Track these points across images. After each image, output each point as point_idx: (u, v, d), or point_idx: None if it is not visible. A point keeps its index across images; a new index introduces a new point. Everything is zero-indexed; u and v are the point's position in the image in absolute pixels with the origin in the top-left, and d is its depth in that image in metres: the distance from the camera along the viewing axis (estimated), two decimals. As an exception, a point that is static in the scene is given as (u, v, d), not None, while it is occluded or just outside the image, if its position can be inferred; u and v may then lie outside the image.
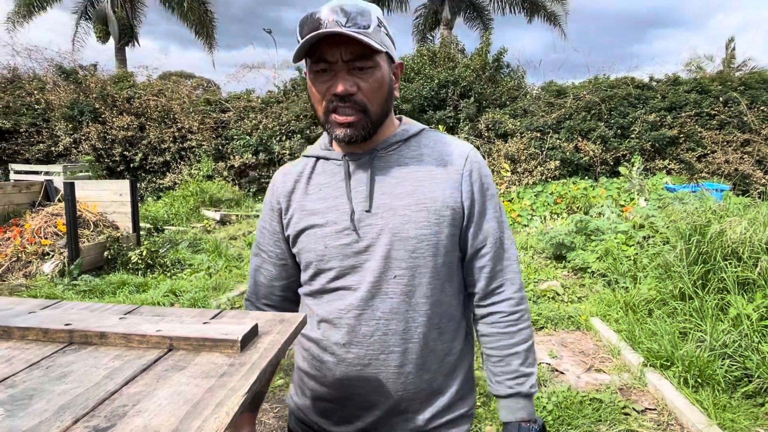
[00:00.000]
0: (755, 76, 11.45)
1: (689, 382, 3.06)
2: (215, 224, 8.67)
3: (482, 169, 1.12)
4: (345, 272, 1.07)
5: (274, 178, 1.21)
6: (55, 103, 11.72)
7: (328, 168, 1.13)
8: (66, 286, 5.13)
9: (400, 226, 1.04)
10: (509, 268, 1.13)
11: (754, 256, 3.54)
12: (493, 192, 1.13)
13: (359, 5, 0.99)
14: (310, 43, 0.97)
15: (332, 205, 1.08)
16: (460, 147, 1.13)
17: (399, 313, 1.06)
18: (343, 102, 1.01)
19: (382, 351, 1.06)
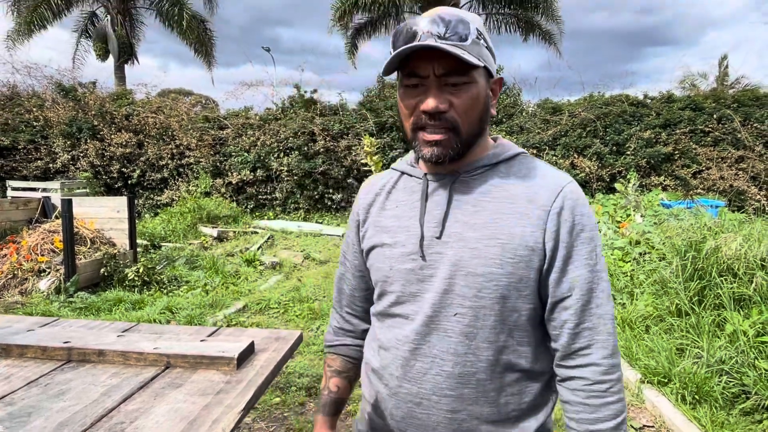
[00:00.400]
0: (748, 94, 11.58)
1: (687, 398, 3.05)
2: (212, 241, 8.66)
3: (577, 207, 0.97)
4: (405, 299, 1.01)
5: (360, 190, 1.17)
6: (53, 120, 11.77)
7: (409, 185, 1.07)
8: (62, 304, 5.11)
9: (467, 260, 0.95)
10: (600, 327, 0.96)
11: (749, 272, 3.56)
12: (589, 235, 0.97)
13: (458, 15, 0.93)
14: (401, 56, 0.91)
15: (404, 225, 1.03)
16: (555, 179, 0.99)
17: (457, 355, 0.96)
18: (432, 119, 0.94)
19: (434, 392, 0.98)
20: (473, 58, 0.90)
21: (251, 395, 0.73)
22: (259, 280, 6.38)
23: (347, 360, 1.22)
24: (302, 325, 4.62)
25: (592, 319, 0.96)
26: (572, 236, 0.95)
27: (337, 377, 1.22)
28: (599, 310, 0.96)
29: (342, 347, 1.22)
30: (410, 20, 0.94)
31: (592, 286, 0.96)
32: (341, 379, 1.22)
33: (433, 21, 0.91)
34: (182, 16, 16.45)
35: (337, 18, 15.59)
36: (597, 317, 0.96)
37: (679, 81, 17.98)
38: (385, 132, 10.93)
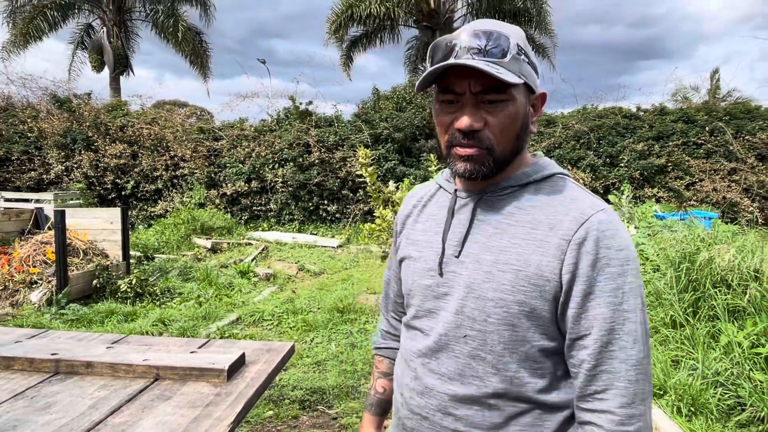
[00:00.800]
0: (739, 107, 11.70)
1: (682, 411, 3.04)
2: (206, 252, 8.62)
3: (604, 239, 0.89)
4: (422, 314, 1.02)
5: (404, 200, 1.20)
6: (47, 131, 11.74)
7: (442, 200, 1.07)
8: (53, 316, 5.06)
9: (480, 283, 0.93)
10: (620, 372, 0.87)
11: (743, 283, 3.57)
12: (616, 270, 0.88)
13: (498, 30, 0.90)
14: (435, 74, 0.90)
15: (429, 240, 1.03)
16: (583, 206, 0.92)
17: (463, 376, 0.95)
18: (466, 138, 0.91)
19: (439, 410, 0.97)
20: (511, 76, 0.87)
21: (241, 407, 0.72)
22: (253, 292, 6.34)
23: (393, 363, 1.25)
24: (296, 337, 4.59)
25: (613, 363, 0.88)
26: (594, 270, 0.88)
27: (384, 379, 1.25)
28: (622, 353, 0.88)
29: (388, 350, 1.26)
30: (450, 35, 0.92)
31: (614, 326, 0.88)
32: (387, 381, 1.25)
33: (473, 35, 0.88)
34: (177, 28, 16.52)
35: (333, 31, 15.70)
36: (619, 361, 0.88)
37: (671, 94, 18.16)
38: (380, 143, 10.96)
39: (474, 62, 0.85)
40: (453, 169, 0.96)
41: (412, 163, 10.94)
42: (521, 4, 15.33)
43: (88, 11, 17.80)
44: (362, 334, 4.63)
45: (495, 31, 0.89)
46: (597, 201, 0.95)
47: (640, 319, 0.89)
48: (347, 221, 10.82)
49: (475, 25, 0.91)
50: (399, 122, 11.00)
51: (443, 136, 0.96)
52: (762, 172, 10.43)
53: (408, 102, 11.66)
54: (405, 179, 5.19)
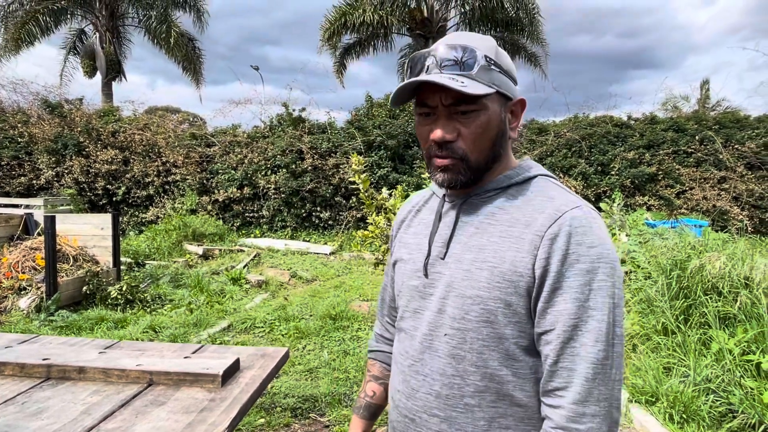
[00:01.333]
0: (729, 116, 11.84)
1: (674, 418, 3.04)
2: (198, 259, 8.57)
3: (576, 235, 0.89)
4: (409, 314, 1.06)
5: (401, 206, 1.24)
6: (38, 137, 11.66)
7: (434, 204, 1.12)
8: (42, 322, 5.00)
9: (459, 282, 0.95)
10: (578, 369, 0.87)
11: (733, 290, 3.60)
12: (585, 267, 0.88)
13: (466, 43, 0.94)
14: (407, 90, 0.94)
15: (418, 243, 1.07)
16: (559, 204, 0.94)
17: (445, 376, 0.96)
18: (440, 149, 0.95)
19: (425, 410, 0.99)
20: (479, 87, 0.90)
21: (236, 413, 0.71)
22: (245, 299, 6.31)
23: (385, 367, 1.27)
24: (288, 345, 4.56)
25: (573, 359, 0.87)
26: (564, 266, 0.89)
27: (375, 382, 1.26)
28: (582, 350, 0.87)
29: (380, 353, 1.28)
30: (426, 50, 0.96)
31: (577, 323, 0.88)
32: (378, 384, 1.26)
33: (445, 48, 0.93)
34: (170, 34, 16.48)
35: (326, 38, 15.74)
36: (579, 358, 0.87)
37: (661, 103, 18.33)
38: (373, 150, 10.97)
39: (438, 78, 0.89)
40: (433, 178, 1.00)
41: (405, 170, 10.96)
42: (513, 14, 15.45)
43: (81, 17, 17.74)
44: (355, 341, 4.61)
45: (463, 45, 0.93)
46: (573, 198, 0.96)
47: (608, 319, 0.88)
48: (340, 228, 10.80)
49: (446, 40, 0.96)
50: (392, 129, 11.03)
51: (424, 148, 1.01)
52: (751, 180, 10.54)
53: (401, 109, 11.70)
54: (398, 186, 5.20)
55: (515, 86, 1.01)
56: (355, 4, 15.17)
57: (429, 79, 0.89)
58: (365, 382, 1.27)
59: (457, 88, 0.88)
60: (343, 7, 15.32)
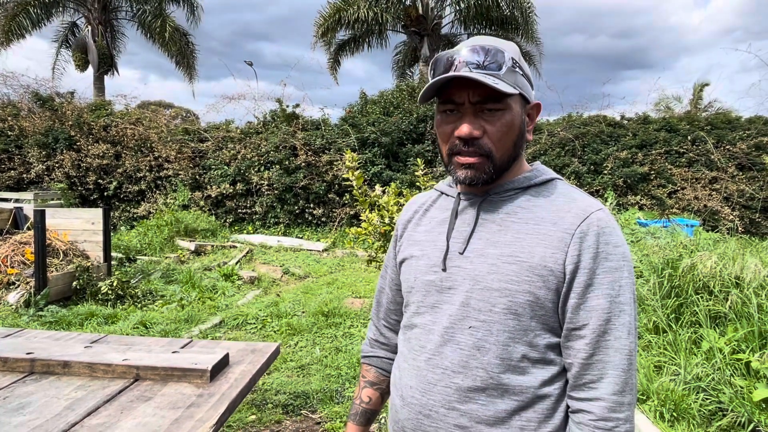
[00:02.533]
0: (720, 117, 11.91)
1: (665, 416, 3.05)
2: (190, 255, 8.52)
3: (604, 235, 0.95)
4: (424, 309, 1.04)
5: (404, 207, 1.22)
6: (29, 130, 11.54)
7: (444, 204, 1.12)
8: (31, 317, 4.95)
9: (485, 275, 0.96)
10: (613, 361, 0.92)
11: (724, 290, 3.61)
12: (614, 265, 0.94)
13: (494, 44, 0.97)
14: (436, 86, 0.96)
15: (432, 240, 1.07)
16: (584, 204, 0.99)
17: (467, 368, 0.96)
18: (466, 145, 0.97)
19: (443, 404, 0.98)
20: (507, 86, 0.93)
21: (224, 409, 0.69)
22: (237, 295, 6.28)
23: (380, 372, 1.25)
24: (280, 341, 4.54)
25: (608, 352, 0.93)
26: (595, 263, 0.93)
27: (370, 388, 1.24)
28: (616, 343, 0.92)
29: (375, 359, 1.26)
30: (450, 50, 0.98)
31: (610, 317, 0.93)
32: (373, 390, 1.24)
33: (471, 50, 0.95)
34: (165, 29, 16.37)
35: (320, 34, 15.68)
36: (613, 350, 0.92)
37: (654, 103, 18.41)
38: (367, 147, 10.95)
39: (472, 74, 0.92)
40: (455, 176, 1.01)
41: (399, 168, 10.94)
42: (508, 13, 15.46)
43: (73, 9, 17.58)
44: (347, 338, 4.60)
45: (491, 47, 0.96)
46: (594, 200, 1.01)
47: (633, 313, 0.94)
48: (333, 225, 10.77)
49: (473, 41, 0.98)
50: (386, 127, 11.01)
51: (444, 146, 1.01)
52: (742, 181, 10.61)
53: (395, 107, 11.67)
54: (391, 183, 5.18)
55: (533, 90, 1.05)
56: (349, 1, 15.12)
57: (466, 74, 0.92)
58: (360, 388, 1.26)
59: (492, 84, 0.91)
60: (338, 3, 15.27)
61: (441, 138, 1.02)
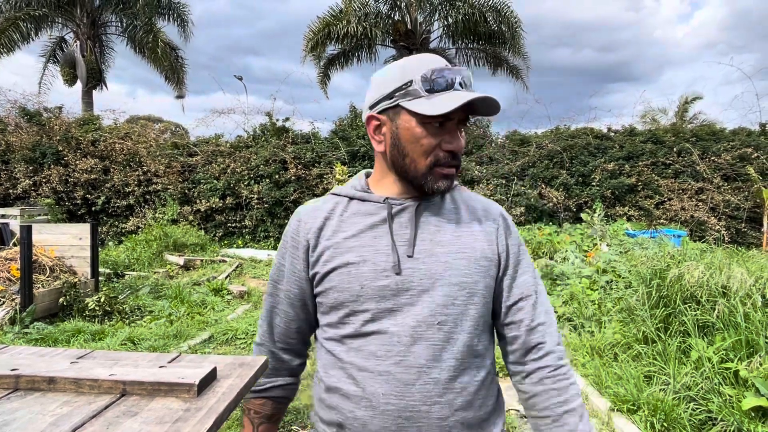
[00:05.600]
0: (705, 129, 12.11)
1: (656, 426, 3.06)
2: (179, 269, 8.46)
3: (511, 223, 1.17)
4: (381, 315, 1.03)
5: (300, 215, 1.16)
6: (15, 145, 11.46)
7: (364, 209, 1.11)
8: (16, 335, 4.88)
9: (442, 273, 1.04)
10: (548, 321, 1.11)
11: (711, 299, 3.64)
12: (524, 248, 1.16)
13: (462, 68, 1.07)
14: (464, 103, 0.99)
15: (369, 245, 1.06)
16: (490, 203, 1.19)
17: (440, 361, 1.01)
18: (453, 159, 1.05)
19: (423, 402, 1.00)
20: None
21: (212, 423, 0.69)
22: (227, 310, 6.23)
23: (279, 401, 1.20)
24: (270, 356, 4.50)
25: (542, 316, 1.10)
26: (517, 248, 1.14)
27: (267, 423, 1.19)
28: (544, 306, 1.12)
29: (274, 389, 1.19)
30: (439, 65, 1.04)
31: (537, 288, 1.12)
32: (272, 425, 1.20)
33: (460, 73, 1.04)
34: (156, 44, 16.38)
35: (310, 49, 15.77)
36: (545, 312, 1.11)
37: (640, 116, 18.68)
38: (357, 160, 10.98)
39: (491, 95, 1.01)
40: (434, 186, 1.06)
41: (388, 181, 10.98)
42: (496, 27, 15.65)
43: (62, 24, 17.55)
44: (338, 352, 4.57)
45: (464, 69, 1.06)
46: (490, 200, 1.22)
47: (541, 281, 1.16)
48: (323, 238, 10.76)
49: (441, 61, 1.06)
50: (376, 140, 11.05)
51: (425, 157, 1.04)
52: (727, 191, 10.76)
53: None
54: (381, 196, 5.19)
55: None
56: (339, 15, 15.24)
57: (486, 95, 1.00)
58: (254, 426, 1.18)
59: (498, 103, 1.03)
60: (327, 18, 15.39)
61: (420, 150, 1.04)
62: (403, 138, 1.05)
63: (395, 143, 1.07)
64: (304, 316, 1.17)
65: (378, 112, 1.09)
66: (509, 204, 10.53)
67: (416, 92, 1.02)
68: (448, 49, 17.43)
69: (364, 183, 1.16)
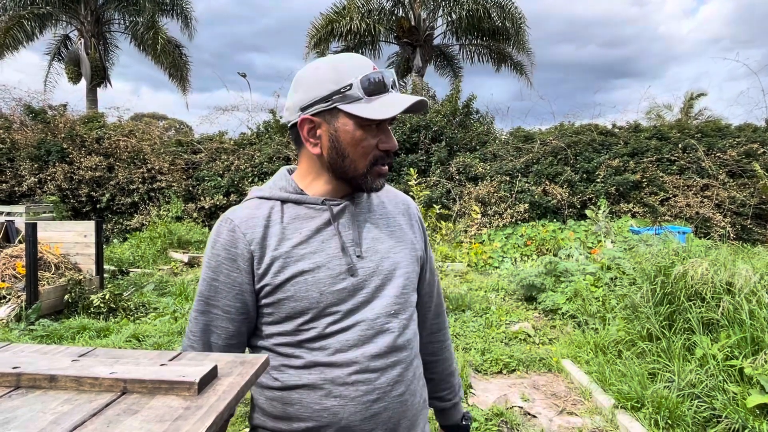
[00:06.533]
0: (711, 125, 12.03)
1: (660, 423, 3.05)
2: (183, 266, 8.48)
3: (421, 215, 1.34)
4: (344, 316, 1.07)
5: (233, 224, 1.08)
6: (21, 143, 11.51)
7: (302, 212, 1.10)
8: (22, 332, 4.91)
9: (389, 267, 1.12)
10: (443, 303, 1.36)
11: (716, 296, 3.63)
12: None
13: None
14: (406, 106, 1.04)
15: (319, 250, 1.07)
16: (407, 196, 1.29)
17: (397, 346, 1.10)
18: (389, 157, 1.11)
19: (388, 383, 1.09)
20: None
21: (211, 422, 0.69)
22: (231, 307, 6.24)
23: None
24: (274, 353, 4.51)
25: (440, 299, 1.35)
26: (425, 235, 1.27)
27: None
28: (440, 289, 1.35)
29: None
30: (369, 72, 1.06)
31: (435, 271, 1.31)
32: None
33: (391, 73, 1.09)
34: (157, 41, 16.40)
35: (313, 45, 15.76)
36: (441, 296, 1.36)
37: (645, 112, 18.58)
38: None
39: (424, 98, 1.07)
40: (372, 185, 1.11)
41: (392, 177, 10.97)
42: (500, 23, 15.60)
43: (66, 22, 17.59)
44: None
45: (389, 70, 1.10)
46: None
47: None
48: (327, 235, 10.77)
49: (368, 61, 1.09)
50: (379, 137, 11.04)
51: (365, 158, 1.08)
52: (733, 188, 10.69)
53: (388, 117, 11.71)
54: (385, 193, 5.17)
55: None
56: (342, 12, 15.22)
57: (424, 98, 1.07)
58: None
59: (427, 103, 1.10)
60: (330, 14, 15.38)
61: (361, 151, 1.07)
62: (344, 140, 1.06)
63: (334, 145, 1.07)
64: (245, 329, 1.12)
65: (312, 114, 1.07)
66: (513, 200, 10.50)
67: (355, 95, 1.04)
68: (451, 46, 17.39)
69: (294, 183, 1.14)
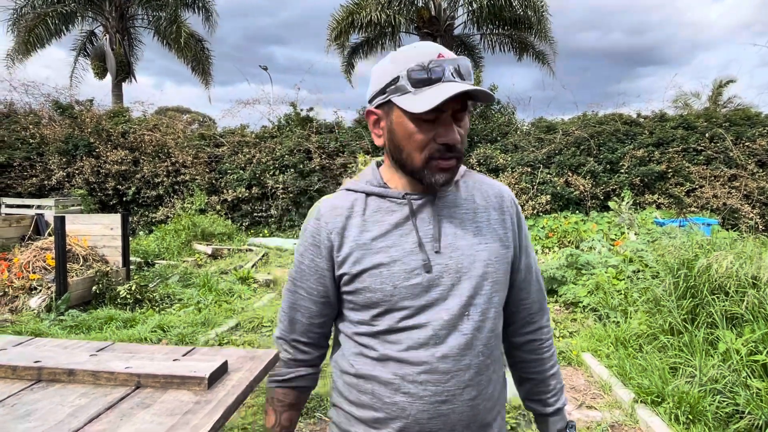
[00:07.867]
0: (739, 113, 11.70)
1: (680, 418, 3.02)
2: (207, 258, 8.63)
3: (519, 208, 1.22)
4: (417, 312, 1.06)
5: (320, 212, 1.14)
6: (49, 138, 11.80)
7: (384, 205, 1.10)
8: (52, 322, 5.06)
9: (468, 265, 1.07)
10: (545, 299, 1.27)
11: (741, 290, 3.56)
12: (527, 229, 1.23)
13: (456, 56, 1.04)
14: (451, 98, 0.97)
15: (397, 244, 1.07)
16: (503, 188, 1.21)
17: (471, 348, 1.07)
18: (450, 151, 1.03)
19: (458, 386, 1.06)
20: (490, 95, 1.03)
21: (220, 416, 0.72)
22: (253, 298, 6.34)
23: (302, 390, 1.22)
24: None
25: (542, 294, 1.26)
26: (522, 232, 1.20)
27: (290, 411, 1.21)
28: (542, 285, 1.27)
29: (298, 379, 1.20)
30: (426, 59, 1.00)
31: (537, 268, 1.25)
32: (294, 412, 1.22)
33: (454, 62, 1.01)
34: (180, 35, 16.57)
35: (334, 38, 15.75)
36: (543, 291, 1.26)
37: (672, 100, 18.18)
38: (381, 150, 10.98)
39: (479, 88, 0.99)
40: (432, 180, 1.05)
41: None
42: (521, 12, 15.35)
43: (91, 18, 17.90)
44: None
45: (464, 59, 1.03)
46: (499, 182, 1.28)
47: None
48: (347, 227, 10.83)
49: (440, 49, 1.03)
50: (399, 128, 11.02)
51: (419, 152, 1.04)
52: (762, 178, 10.41)
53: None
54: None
55: None
56: (362, 3, 15.17)
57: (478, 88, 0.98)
58: (278, 414, 1.20)
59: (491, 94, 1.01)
60: (351, 6, 15.33)
61: (414, 145, 1.03)
62: (398, 133, 1.05)
63: (392, 138, 1.08)
64: (327, 312, 1.17)
65: (375, 107, 1.09)
66: (535, 192, 10.40)
67: (404, 88, 1.01)
68: (472, 35, 17.20)
69: (379, 176, 1.15)
